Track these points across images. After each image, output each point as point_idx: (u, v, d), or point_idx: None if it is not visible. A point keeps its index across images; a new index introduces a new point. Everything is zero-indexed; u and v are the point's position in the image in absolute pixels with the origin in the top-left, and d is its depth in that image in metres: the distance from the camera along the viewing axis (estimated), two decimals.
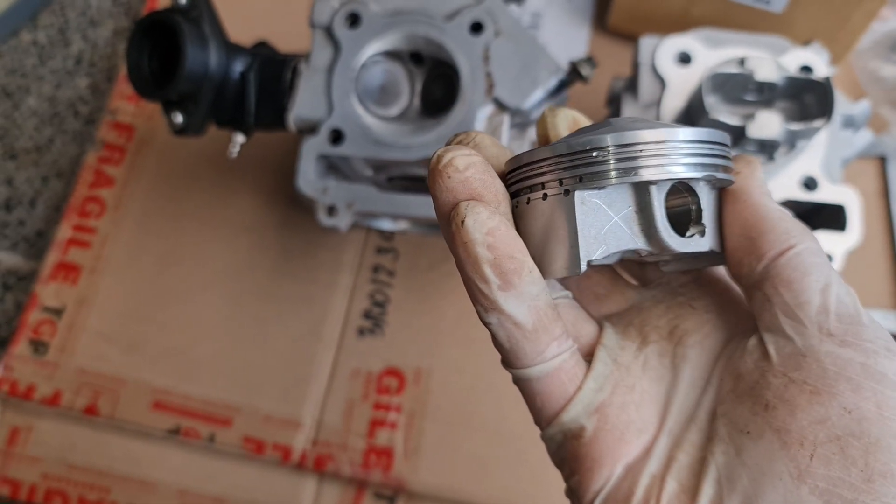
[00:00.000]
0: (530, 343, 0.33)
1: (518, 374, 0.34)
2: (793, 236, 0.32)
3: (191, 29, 0.64)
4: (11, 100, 0.95)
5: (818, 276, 0.31)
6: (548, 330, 0.33)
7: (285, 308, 0.81)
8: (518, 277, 0.31)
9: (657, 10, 0.86)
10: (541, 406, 0.34)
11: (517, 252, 0.31)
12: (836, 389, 0.29)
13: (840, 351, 0.30)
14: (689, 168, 0.31)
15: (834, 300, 0.31)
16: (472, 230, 0.31)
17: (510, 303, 0.31)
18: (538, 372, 0.33)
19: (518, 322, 0.32)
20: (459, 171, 0.32)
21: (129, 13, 1.00)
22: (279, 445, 0.76)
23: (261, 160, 0.87)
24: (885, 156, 0.87)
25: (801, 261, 0.32)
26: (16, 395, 0.78)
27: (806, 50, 0.70)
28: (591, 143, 0.30)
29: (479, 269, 0.31)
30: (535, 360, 0.33)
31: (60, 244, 0.85)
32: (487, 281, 0.31)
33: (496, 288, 0.31)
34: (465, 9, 0.67)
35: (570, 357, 0.34)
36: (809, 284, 0.31)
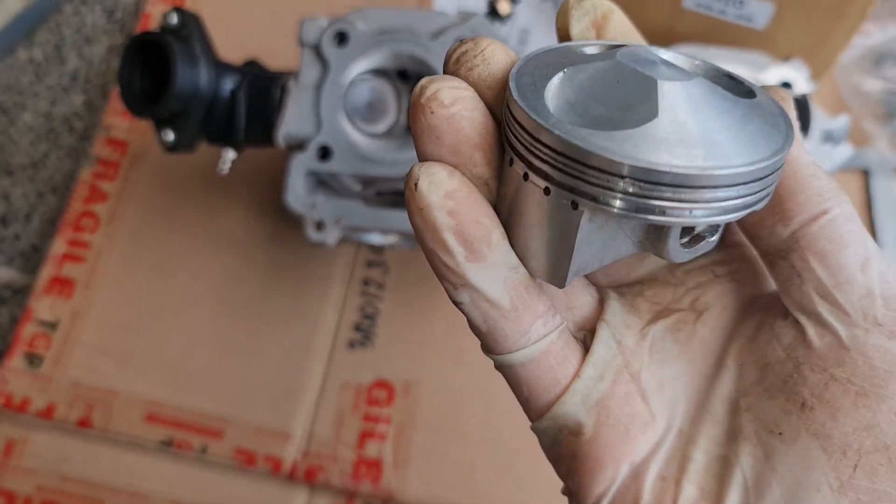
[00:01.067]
0: (510, 323, 0.28)
1: (500, 361, 0.29)
2: (827, 198, 0.27)
3: (181, 48, 0.66)
4: (7, 116, 0.97)
5: (857, 248, 0.26)
6: (529, 306, 0.28)
7: (276, 321, 0.82)
8: (487, 246, 0.26)
9: (642, 26, 0.87)
10: (528, 396, 0.29)
11: (483, 217, 0.26)
12: (886, 391, 0.25)
13: (890, 345, 0.25)
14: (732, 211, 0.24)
15: (878, 280, 0.26)
16: (428, 193, 0.26)
17: (481, 276, 0.27)
18: (522, 357, 0.28)
19: (493, 299, 0.27)
20: (445, 107, 0.26)
21: (123, 30, 1.01)
22: (270, 457, 0.77)
23: (252, 175, 0.88)
24: (868, 169, 0.88)
25: (836, 229, 0.26)
26: (11, 408, 0.80)
27: (786, 66, 0.71)
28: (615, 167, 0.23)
29: (440, 238, 0.26)
30: (518, 342, 0.28)
31: (55, 258, 0.86)
32: (451, 252, 0.26)
33: (462, 259, 0.26)
34: (450, 27, 0.68)
35: (559, 337, 0.29)
36: (848, 260, 0.26)
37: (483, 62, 0.28)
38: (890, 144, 0.88)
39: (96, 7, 1.03)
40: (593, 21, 0.30)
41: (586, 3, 0.30)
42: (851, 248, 0.26)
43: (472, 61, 0.28)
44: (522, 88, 0.25)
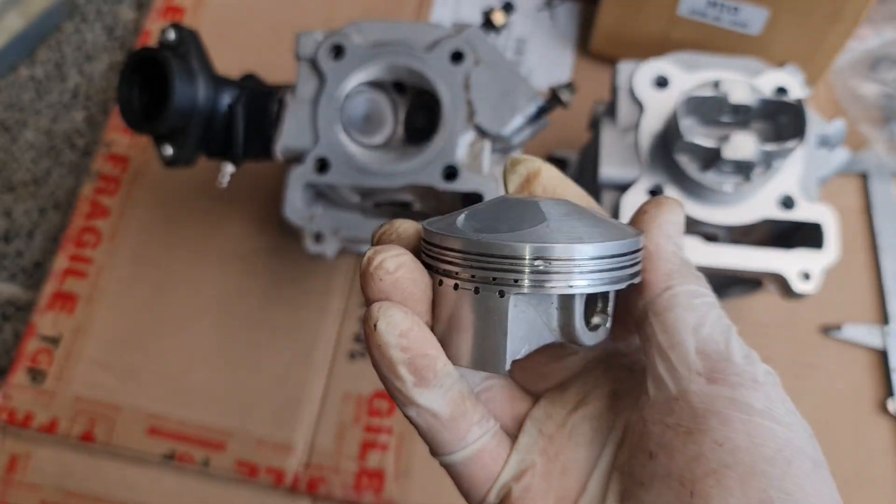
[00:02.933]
0: (449, 431, 0.33)
1: (442, 461, 0.34)
2: (673, 277, 0.33)
3: (179, 64, 0.66)
4: (9, 134, 0.97)
5: (692, 315, 0.32)
6: (466, 416, 0.33)
7: (277, 333, 0.83)
8: (432, 374, 0.31)
9: (637, 34, 0.88)
10: (468, 489, 0.35)
11: (430, 349, 0.31)
12: (706, 426, 0.30)
13: (707, 388, 0.30)
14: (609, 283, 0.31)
15: (705, 339, 0.31)
16: (385, 333, 0.31)
17: (426, 396, 0.32)
18: (460, 457, 0.33)
19: (435, 413, 0.32)
20: (390, 273, 0.31)
21: (123, 47, 1.02)
22: (272, 469, 0.77)
23: (251, 188, 0.89)
24: (867, 172, 0.88)
25: (676, 301, 0.32)
26: (14, 424, 0.80)
27: (781, 71, 0.71)
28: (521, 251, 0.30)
29: (394, 370, 0.31)
30: (457, 446, 0.33)
31: (57, 274, 0.87)
32: (402, 380, 0.31)
33: (411, 385, 0.31)
34: (445, 39, 0.69)
35: (493, 438, 0.34)
36: (682, 325, 0.32)
37: (398, 237, 0.34)
38: (887, 147, 0.88)
39: (96, 25, 1.04)
40: (526, 177, 0.37)
41: (520, 166, 0.37)
42: (687, 316, 0.32)
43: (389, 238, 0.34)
44: (433, 224, 0.33)
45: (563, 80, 0.71)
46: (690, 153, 0.67)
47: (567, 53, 0.96)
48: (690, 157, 0.68)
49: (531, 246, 0.30)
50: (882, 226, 0.85)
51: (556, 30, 0.97)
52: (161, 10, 1.01)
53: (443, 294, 0.32)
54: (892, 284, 0.83)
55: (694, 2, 0.81)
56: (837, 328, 0.81)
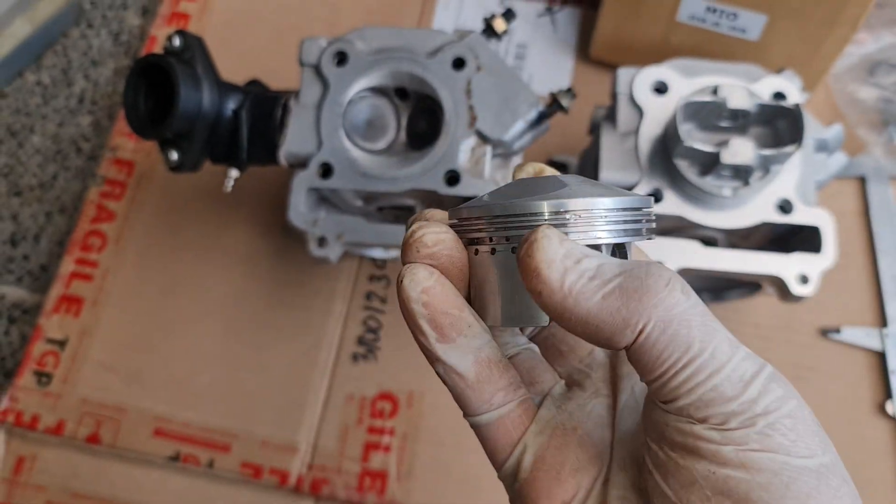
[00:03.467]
0: (474, 393, 0.34)
1: (469, 421, 0.36)
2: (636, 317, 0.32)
3: (184, 70, 0.67)
4: (16, 139, 0.99)
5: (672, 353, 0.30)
6: (492, 380, 0.34)
7: (281, 336, 0.84)
8: (455, 331, 0.33)
9: (637, 40, 0.89)
10: (491, 451, 0.36)
11: (452, 308, 0.33)
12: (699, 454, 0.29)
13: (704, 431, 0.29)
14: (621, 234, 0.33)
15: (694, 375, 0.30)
16: (409, 288, 0.33)
17: (451, 355, 0.33)
18: (485, 419, 0.35)
19: (460, 373, 0.34)
20: (428, 247, 0.33)
21: (128, 53, 1.03)
22: (276, 470, 0.78)
23: (256, 193, 0.90)
24: (865, 176, 0.89)
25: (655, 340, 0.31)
26: (21, 426, 0.81)
27: (779, 77, 0.72)
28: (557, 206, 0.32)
29: (417, 323, 0.33)
30: (482, 408, 0.35)
31: (63, 277, 0.88)
32: (425, 334, 0.33)
33: (434, 341, 0.33)
34: (447, 45, 0.70)
35: (518, 406, 0.35)
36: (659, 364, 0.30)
37: (423, 247, 0.34)
38: (886, 152, 0.89)
39: (102, 31, 1.05)
40: (533, 175, 0.38)
41: (527, 166, 0.38)
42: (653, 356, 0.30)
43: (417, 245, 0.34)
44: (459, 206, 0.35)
45: (563, 86, 0.72)
46: (689, 158, 0.68)
47: (567, 59, 0.97)
48: (689, 162, 0.68)
49: (552, 202, 0.32)
50: (880, 229, 0.86)
51: (557, 36, 0.98)
52: (167, 17, 1.02)
53: (477, 263, 0.34)
54: (890, 287, 0.83)
55: (693, 7, 0.82)
56: (836, 330, 0.82)
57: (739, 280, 0.77)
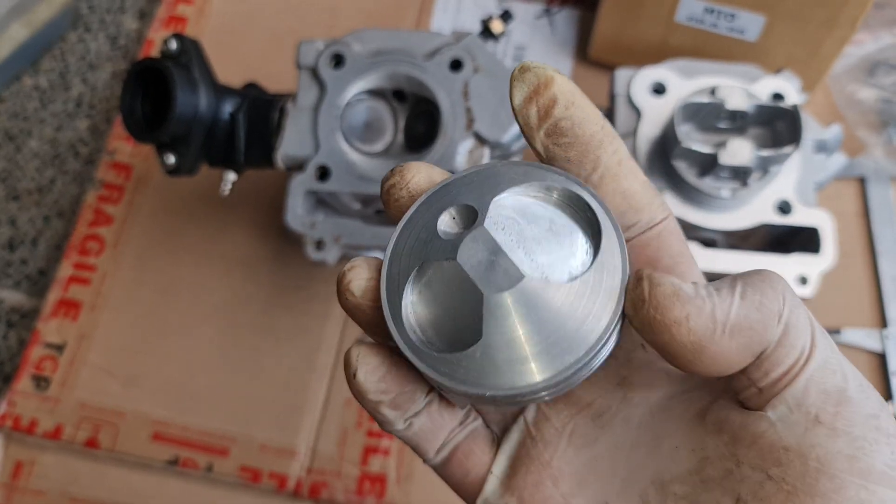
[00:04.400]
0: (426, 441, 0.33)
1: (430, 466, 0.34)
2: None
3: (180, 74, 0.67)
4: (14, 143, 0.98)
5: (801, 336, 0.27)
6: (444, 427, 0.33)
7: (280, 339, 0.83)
8: (412, 403, 0.31)
9: (636, 40, 0.89)
10: (455, 489, 0.34)
11: (408, 383, 0.31)
12: (816, 489, 0.25)
13: (828, 443, 0.26)
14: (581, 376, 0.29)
15: (820, 369, 0.27)
16: (365, 383, 0.30)
17: (407, 417, 0.32)
18: (439, 459, 0.33)
19: (417, 434, 0.32)
20: (354, 296, 0.30)
21: (126, 57, 1.03)
22: (275, 474, 0.77)
23: (254, 196, 0.89)
24: (865, 177, 0.88)
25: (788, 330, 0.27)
26: (19, 430, 0.81)
27: (777, 77, 0.72)
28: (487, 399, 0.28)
29: (378, 412, 0.31)
30: (437, 450, 0.33)
31: (61, 282, 0.87)
32: (385, 416, 0.31)
33: (394, 418, 0.31)
34: (444, 47, 0.69)
35: (467, 437, 0.33)
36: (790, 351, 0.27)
37: (408, 196, 0.31)
38: (885, 152, 0.89)
39: (100, 35, 1.05)
40: (535, 87, 0.30)
41: (528, 73, 0.30)
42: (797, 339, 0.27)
43: (398, 194, 0.31)
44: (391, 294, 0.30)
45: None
46: (688, 159, 0.68)
47: (566, 60, 0.97)
48: (688, 163, 0.68)
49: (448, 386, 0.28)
50: (880, 230, 0.86)
51: (555, 37, 0.98)
52: (164, 20, 1.02)
53: None
54: (891, 288, 0.83)
55: (691, 9, 0.82)
56: (836, 332, 0.82)
57: None
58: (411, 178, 0.31)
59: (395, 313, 0.29)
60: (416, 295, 0.30)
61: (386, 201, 0.32)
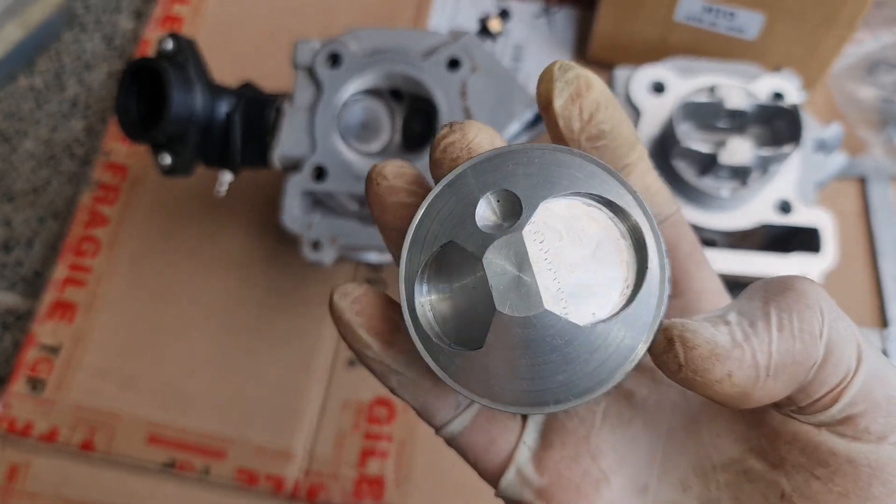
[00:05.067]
0: (437, 399, 0.30)
1: (442, 436, 0.31)
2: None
3: (176, 73, 0.66)
4: (9, 143, 0.98)
5: (846, 353, 0.26)
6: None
7: (276, 341, 0.83)
8: (397, 333, 0.29)
9: (635, 39, 0.88)
10: (475, 461, 0.32)
11: (391, 312, 0.29)
12: (868, 493, 0.25)
13: (879, 451, 0.25)
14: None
15: (868, 381, 0.26)
16: (339, 302, 0.29)
17: (400, 360, 0.29)
18: (457, 425, 0.31)
19: (415, 378, 0.30)
20: (387, 179, 0.29)
21: (122, 57, 1.03)
22: (272, 476, 0.77)
23: (250, 196, 0.89)
24: (865, 176, 0.88)
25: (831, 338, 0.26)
26: (14, 433, 0.80)
27: (777, 76, 0.72)
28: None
29: (355, 334, 0.29)
30: (450, 414, 0.31)
31: (57, 283, 0.87)
32: (368, 345, 0.29)
33: (378, 348, 0.29)
34: (441, 46, 0.69)
35: None
36: (835, 370, 0.26)
37: (468, 155, 0.28)
38: (886, 151, 0.88)
39: (95, 34, 1.04)
40: (575, 90, 0.29)
41: (570, 73, 0.29)
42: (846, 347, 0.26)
43: (458, 152, 0.28)
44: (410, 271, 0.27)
45: None
46: (687, 158, 0.67)
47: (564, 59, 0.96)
48: (687, 163, 0.68)
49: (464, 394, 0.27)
50: (881, 229, 0.85)
51: (554, 36, 0.98)
52: (160, 20, 1.01)
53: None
54: (891, 288, 0.83)
55: (690, 7, 0.81)
56: None
57: (739, 281, 0.76)
58: (473, 138, 0.28)
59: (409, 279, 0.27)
60: (435, 270, 0.28)
61: (439, 160, 0.28)
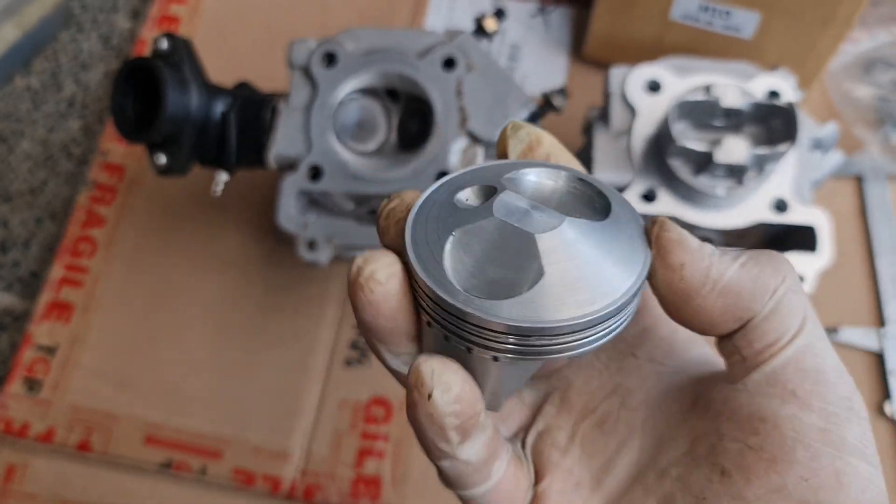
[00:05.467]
0: (479, 473, 0.31)
1: (463, 496, 0.33)
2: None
3: (171, 73, 0.66)
4: (6, 144, 0.98)
5: (791, 317, 0.28)
6: (494, 455, 0.32)
7: (273, 341, 0.83)
8: (476, 429, 0.30)
9: (631, 38, 0.88)
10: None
11: (478, 405, 0.30)
12: (793, 457, 0.27)
13: (802, 415, 0.27)
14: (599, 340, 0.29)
15: (802, 351, 0.28)
16: (441, 405, 0.28)
17: (466, 450, 0.30)
18: (483, 490, 0.32)
19: (472, 463, 0.31)
20: (381, 284, 0.29)
21: (119, 56, 1.03)
22: (269, 476, 0.77)
23: (246, 196, 0.89)
24: (861, 175, 0.88)
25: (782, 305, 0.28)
26: (11, 433, 0.80)
27: (773, 75, 0.72)
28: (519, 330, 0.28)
29: (446, 435, 0.29)
30: (481, 482, 0.32)
31: (53, 284, 0.87)
32: (451, 442, 0.29)
33: (456, 445, 0.30)
34: (437, 46, 0.69)
35: (510, 463, 0.33)
36: (777, 327, 0.28)
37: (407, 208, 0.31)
38: (882, 150, 0.88)
39: (92, 34, 1.04)
40: (527, 145, 0.33)
41: (521, 132, 0.34)
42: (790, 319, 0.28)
43: (397, 214, 0.31)
44: (423, 258, 0.29)
45: (556, 86, 0.71)
46: (683, 157, 0.67)
47: (561, 59, 0.96)
48: (683, 161, 0.68)
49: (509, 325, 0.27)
50: (877, 228, 0.85)
51: (550, 35, 0.98)
52: (156, 20, 1.01)
53: (431, 332, 0.30)
54: (888, 287, 0.83)
55: (686, 6, 0.81)
56: (834, 331, 0.81)
57: None
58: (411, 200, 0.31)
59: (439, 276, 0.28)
60: (453, 253, 0.29)
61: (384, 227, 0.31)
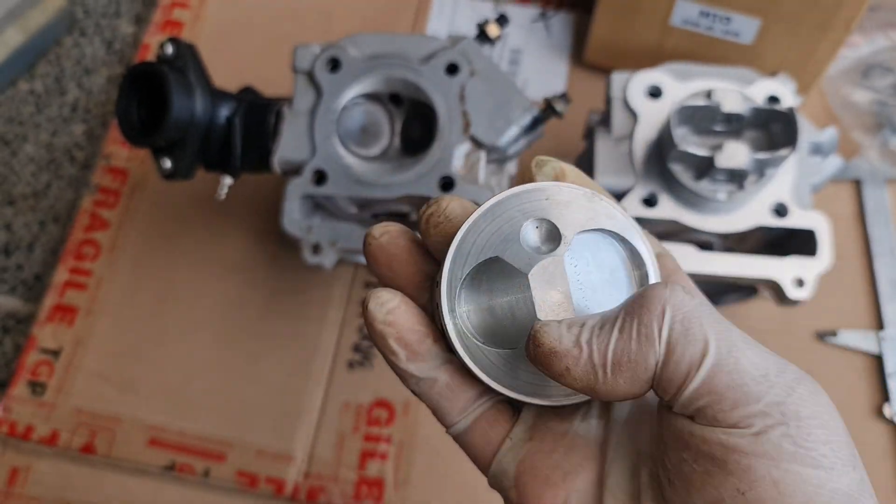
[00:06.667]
0: (449, 401, 0.35)
1: (451, 434, 0.36)
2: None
3: (176, 78, 0.67)
4: (10, 148, 0.98)
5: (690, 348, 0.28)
6: (464, 386, 0.35)
7: (276, 344, 0.83)
8: (422, 345, 0.34)
9: (631, 44, 0.89)
10: (474, 458, 0.36)
11: (418, 325, 0.34)
12: (727, 469, 0.27)
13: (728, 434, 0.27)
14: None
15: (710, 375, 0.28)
16: (374, 310, 0.34)
17: (421, 367, 0.34)
18: (462, 426, 0.36)
19: (432, 382, 0.35)
20: (376, 238, 0.36)
21: (122, 61, 1.03)
22: (272, 479, 0.77)
23: (250, 200, 0.89)
24: (860, 179, 0.89)
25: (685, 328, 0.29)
26: (15, 436, 0.80)
27: (772, 80, 0.72)
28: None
29: (386, 344, 0.34)
30: (458, 416, 0.36)
31: (57, 287, 0.87)
32: (395, 353, 0.34)
33: (404, 358, 0.34)
34: (440, 51, 0.69)
35: (492, 407, 0.36)
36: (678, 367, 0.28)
37: (446, 220, 0.35)
38: (880, 154, 0.89)
39: (95, 39, 1.05)
40: (553, 178, 0.36)
41: (546, 167, 0.36)
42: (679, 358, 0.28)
43: (436, 219, 0.35)
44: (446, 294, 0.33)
45: (558, 91, 0.72)
46: (684, 162, 0.68)
47: (562, 64, 0.97)
48: (684, 166, 0.68)
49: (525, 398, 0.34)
50: (876, 232, 0.86)
51: (551, 41, 0.98)
52: (160, 24, 1.02)
53: None
54: (887, 290, 0.83)
55: (686, 12, 0.82)
56: (833, 334, 0.82)
57: (735, 284, 0.77)
58: (447, 206, 0.35)
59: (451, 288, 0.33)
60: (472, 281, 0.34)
61: (424, 230, 0.35)
